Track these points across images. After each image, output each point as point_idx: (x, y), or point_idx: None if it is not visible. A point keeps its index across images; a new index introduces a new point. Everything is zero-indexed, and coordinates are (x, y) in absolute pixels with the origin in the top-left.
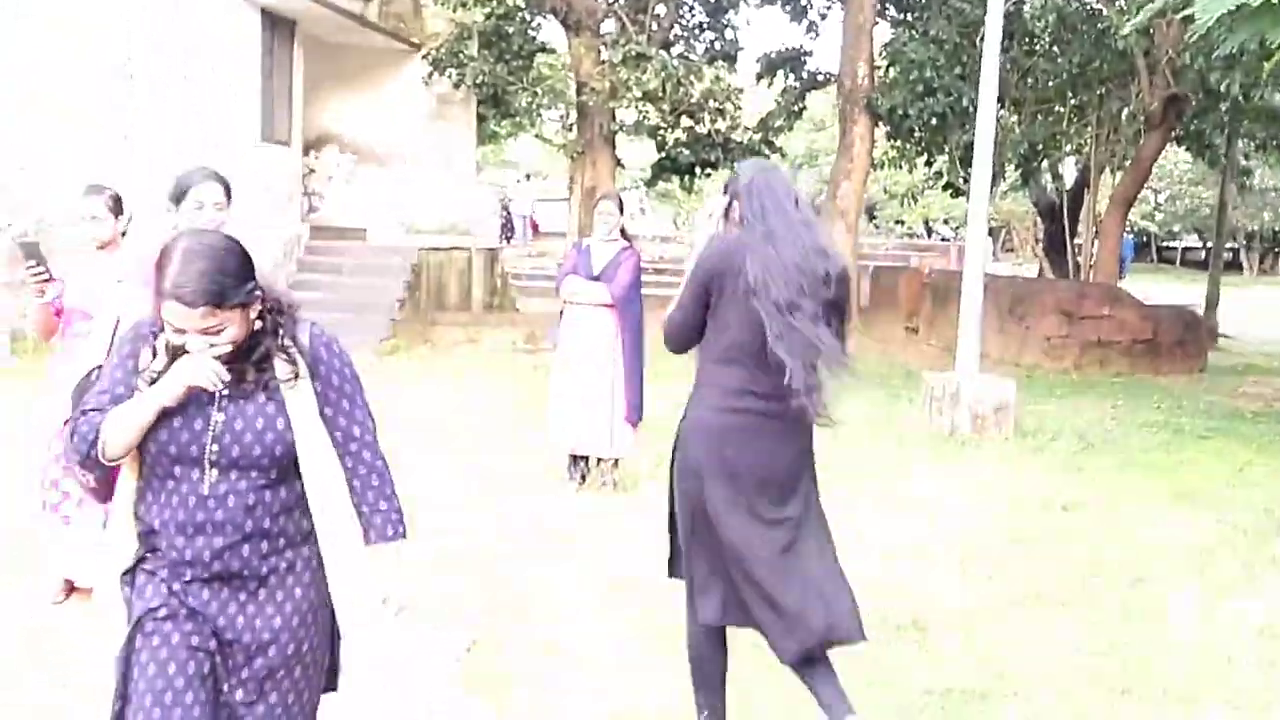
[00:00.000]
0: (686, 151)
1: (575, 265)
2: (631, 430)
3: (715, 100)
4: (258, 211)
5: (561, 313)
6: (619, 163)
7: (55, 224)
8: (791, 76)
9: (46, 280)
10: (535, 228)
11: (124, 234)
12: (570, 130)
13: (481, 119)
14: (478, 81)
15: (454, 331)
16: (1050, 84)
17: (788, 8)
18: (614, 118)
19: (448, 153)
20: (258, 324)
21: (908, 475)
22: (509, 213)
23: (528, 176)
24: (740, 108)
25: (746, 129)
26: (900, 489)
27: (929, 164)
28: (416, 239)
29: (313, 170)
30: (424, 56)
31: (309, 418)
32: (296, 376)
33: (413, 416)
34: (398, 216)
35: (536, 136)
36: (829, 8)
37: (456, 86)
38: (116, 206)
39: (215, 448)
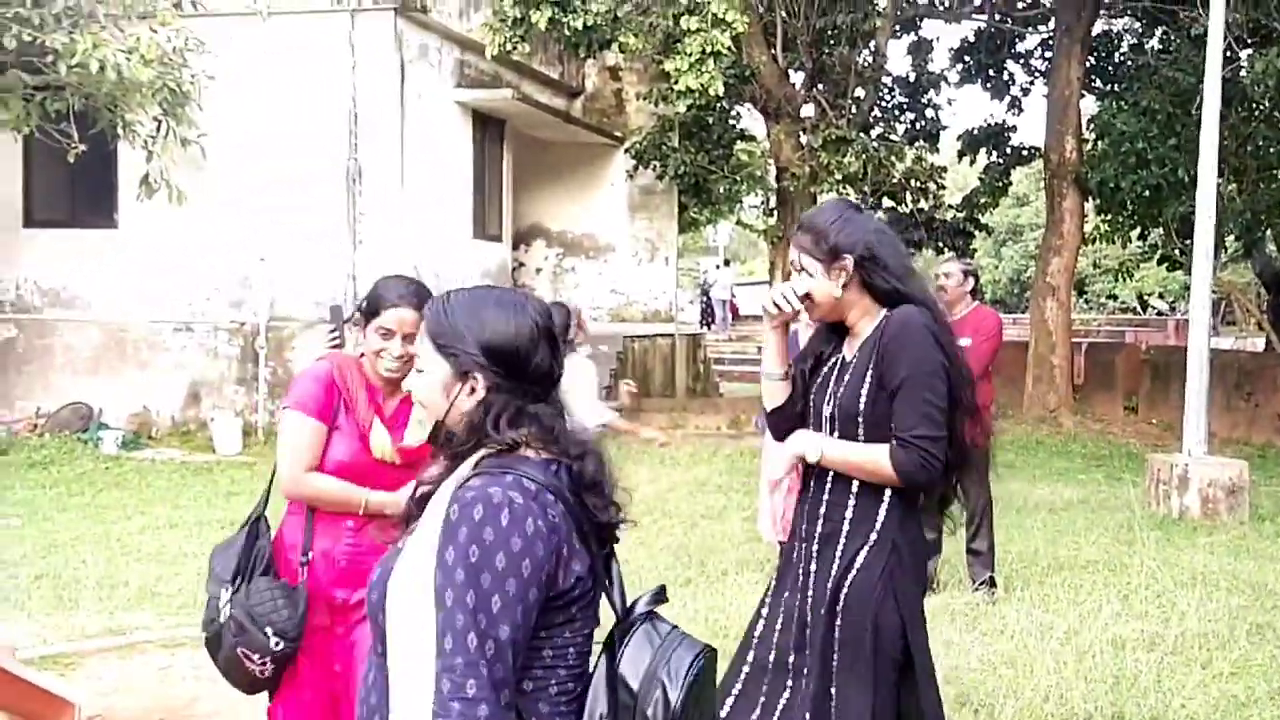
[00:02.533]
0: None
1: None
2: None
3: (917, 180)
4: None
5: None
6: None
7: (290, 314)
8: (995, 153)
9: (338, 345)
10: (735, 312)
11: None
12: (771, 215)
13: (683, 207)
14: (679, 172)
15: (659, 418)
16: (1273, 150)
17: (989, 85)
18: (815, 201)
19: (650, 242)
20: (468, 423)
21: (1136, 562)
22: (709, 298)
23: (727, 262)
24: (943, 186)
25: (950, 207)
26: (1128, 576)
27: (1143, 237)
28: (622, 327)
29: (522, 264)
30: (627, 150)
31: (406, 587)
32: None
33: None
34: (603, 306)
35: (737, 223)
36: (1031, 83)
37: (660, 178)
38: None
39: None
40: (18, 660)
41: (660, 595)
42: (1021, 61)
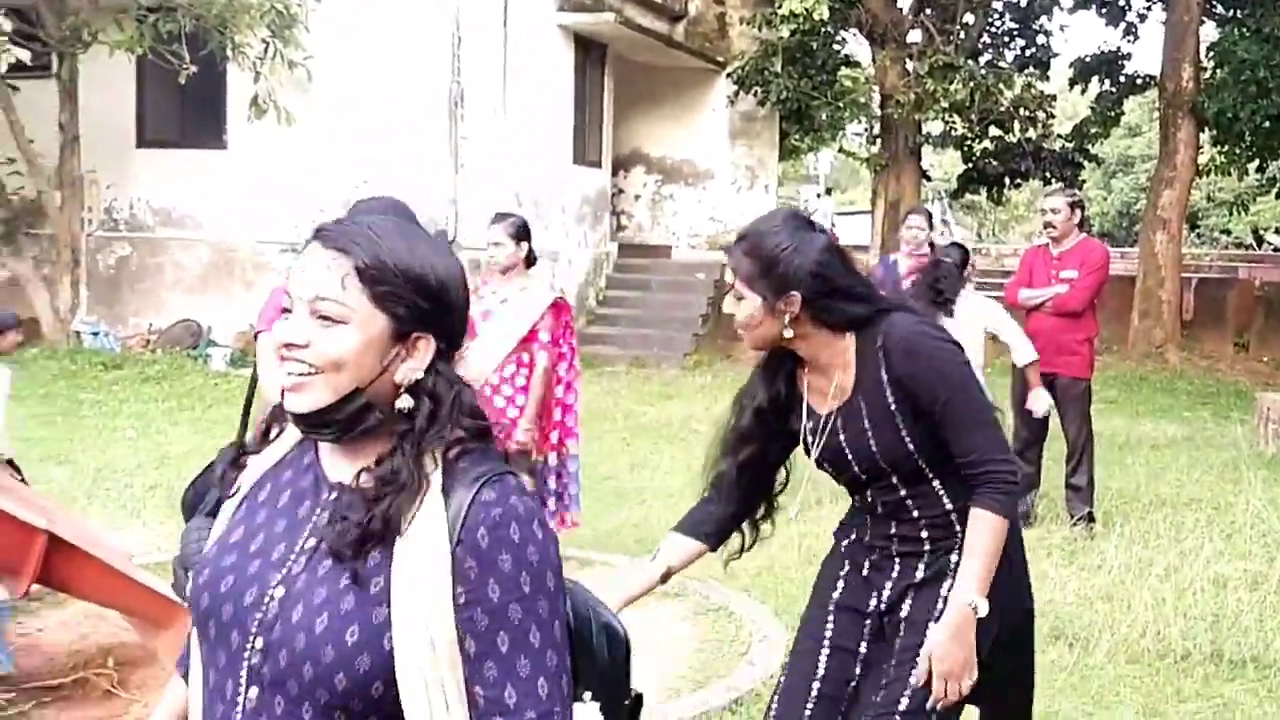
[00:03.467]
0: (995, 162)
1: (882, 280)
2: None
3: (1026, 108)
4: (570, 231)
5: None
6: (924, 175)
7: None
8: (1108, 81)
9: None
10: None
11: (528, 259)
12: (874, 143)
13: (784, 134)
14: (782, 98)
15: None
16: None
17: (1104, 10)
18: (919, 129)
19: (750, 169)
20: (404, 401)
21: (1241, 501)
22: None
23: (828, 190)
24: (1053, 115)
25: (1059, 137)
26: (1232, 515)
27: (1261, 170)
28: (720, 255)
29: (621, 190)
30: (729, 75)
31: (421, 643)
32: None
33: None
34: (701, 233)
35: (840, 151)
36: (1149, 8)
37: (761, 104)
38: (518, 233)
39: (258, 644)
40: (135, 566)
41: None
42: None
